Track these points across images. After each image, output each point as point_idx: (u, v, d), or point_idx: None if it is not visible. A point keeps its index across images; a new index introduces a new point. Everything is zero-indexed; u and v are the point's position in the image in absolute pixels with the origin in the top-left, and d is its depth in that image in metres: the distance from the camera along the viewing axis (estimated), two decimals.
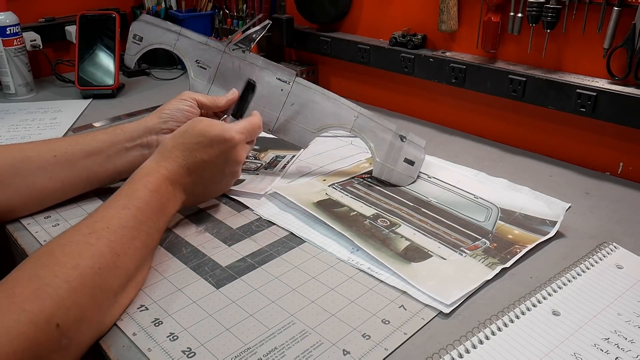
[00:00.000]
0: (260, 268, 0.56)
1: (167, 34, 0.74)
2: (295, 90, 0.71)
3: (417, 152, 0.72)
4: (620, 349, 0.45)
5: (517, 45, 0.83)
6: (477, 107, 0.92)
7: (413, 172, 0.73)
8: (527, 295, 0.51)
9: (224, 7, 1.25)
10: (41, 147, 0.63)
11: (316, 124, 0.71)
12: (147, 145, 0.67)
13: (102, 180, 0.67)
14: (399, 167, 0.72)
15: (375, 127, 0.71)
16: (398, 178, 0.72)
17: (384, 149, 0.71)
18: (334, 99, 0.71)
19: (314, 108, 0.71)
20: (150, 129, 0.67)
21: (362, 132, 0.71)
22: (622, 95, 0.70)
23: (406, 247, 0.58)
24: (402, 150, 0.72)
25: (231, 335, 0.46)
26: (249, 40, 0.73)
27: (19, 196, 0.62)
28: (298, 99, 0.71)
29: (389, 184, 0.72)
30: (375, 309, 0.50)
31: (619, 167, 0.78)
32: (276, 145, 0.83)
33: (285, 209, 0.67)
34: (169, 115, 0.67)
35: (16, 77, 1.09)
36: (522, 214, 0.65)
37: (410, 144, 0.72)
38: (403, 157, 0.72)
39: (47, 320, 0.40)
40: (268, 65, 0.72)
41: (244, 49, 0.73)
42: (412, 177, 0.72)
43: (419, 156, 0.73)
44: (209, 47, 0.74)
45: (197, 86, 0.74)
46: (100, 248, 0.47)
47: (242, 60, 0.73)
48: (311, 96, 0.71)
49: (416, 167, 0.73)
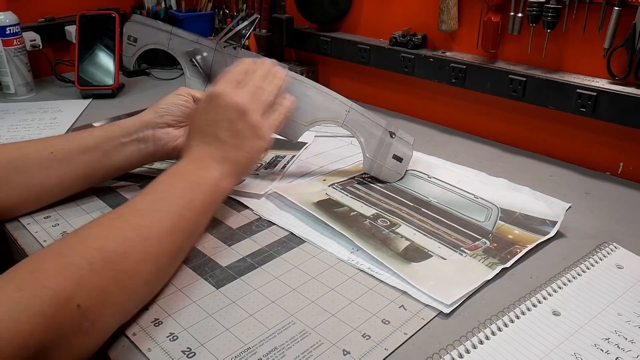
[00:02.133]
0: (260, 268, 0.56)
1: (160, 34, 0.75)
2: (287, 83, 0.70)
3: (405, 148, 0.73)
4: (620, 349, 0.45)
5: (517, 45, 0.83)
6: (477, 107, 0.92)
7: (401, 169, 0.73)
8: (527, 295, 0.51)
9: (224, 7, 1.25)
10: (38, 145, 0.63)
11: (308, 117, 0.70)
12: (144, 140, 0.67)
13: (100, 177, 0.67)
14: (388, 163, 0.72)
15: (366, 123, 0.71)
16: (386, 174, 0.73)
17: (373, 144, 0.71)
18: (326, 92, 0.70)
19: (306, 101, 0.70)
20: (147, 124, 0.67)
21: (354, 126, 0.71)
22: (622, 95, 0.70)
23: (406, 247, 0.58)
24: (391, 147, 0.72)
25: (231, 335, 0.46)
26: (239, 37, 0.73)
27: (18, 194, 0.62)
28: (291, 93, 0.69)
29: (387, 182, 0.72)
30: (375, 309, 0.50)
31: (619, 167, 0.78)
32: (276, 145, 0.83)
33: (285, 209, 0.67)
34: (164, 109, 0.68)
35: (16, 77, 1.09)
36: (522, 214, 0.65)
37: (399, 140, 0.72)
38: (392, 154, 0.72)
39: (68, 299, 0.40)
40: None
41: (235, 46, 0.73)
42: (399, 173, 0.73)
43: (407, 153, 0.73)
44: (200, 45, 0.74)
45: (193, 84, 0.75)
46: (127, 232, 0.47)
47: (234, 58, 0.73)
48: (303, 89, 0.70)
49: (404, 163, 0.73)
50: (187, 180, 0.55)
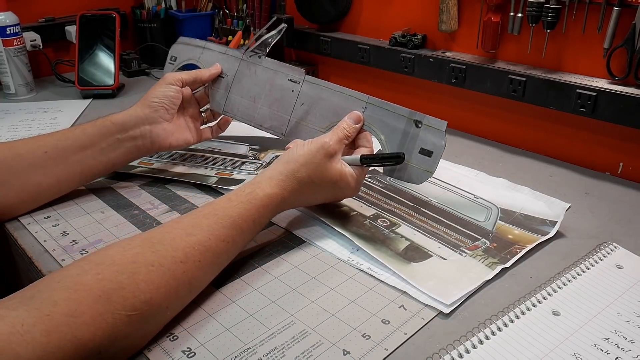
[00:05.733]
0: (260, 268, 0.56)
1: (194, 50, 0.79)
2: (305, 89, 0.70)
3: (435, 138, 0.61)
4: (620, 349, 0.45)
5: (517, 45, 0.83)
6: (477, 107, 0.92)
7: (431, 165, 0.61)
8: (527, 295, 0.51)
9: (224, 7, 1.25)
10: (31, 144, 0.63)
11: (324, 122, 0.68)
12: (141, 137, 0.67)
13: (97, 173, 0.67)
14: (413, 160, 0.62)
15: (386, 116, 0.64)
16: (413, 175, 0.62)
17: (395, 140, 0.63)
18: (340, 91, 0.67)
19: (322, 106, 0.68)
20: (143, 120, 0.67)
21: (372, 123, 0.64)
22: (622, 95, 0.70)
23: (406, 247, 0.58)
24: (417, 139, 0.62)
25: (231, 335, 0.46)
26: (265, 45, 0.74)
27: (15, 193, 0.62)
28: (307, 99, 0.69)
29: (391, 182, 0.72)
30: (375, 309, 0.50)
31: (619, 167, 0.78)
32: (276, 145, 0.83)
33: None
34: (158, 103, 0.68)
35: (16, 77, 1.09)
36: (522, 214, 0.65)
37: (427, 129, 0.61)
38: (419, 148, 0.61)
39: (93, 348, 0.39)
40: (280, 67, 0.72)
41: (260, 55, 0.73)
42: (429, 171, 0.61)
43: (438, 143, 0.61)
44: (227, 56, 0.76)
45: (216, 95, 0.76)
46: (180, 287, 0.46)
47: (257, 66, 0.73)
48: (319, 93, 0.69)
49: (434, 158, 0.61)
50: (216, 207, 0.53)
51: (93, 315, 0.40)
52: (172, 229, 0.49)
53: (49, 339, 0.37)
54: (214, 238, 0.49)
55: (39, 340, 0.37)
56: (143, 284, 0.43)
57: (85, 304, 0.40)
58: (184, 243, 0.47)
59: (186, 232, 0.48)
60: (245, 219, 0.52)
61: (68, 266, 0.44)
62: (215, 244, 0.49)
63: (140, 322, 0.43)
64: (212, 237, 0.49)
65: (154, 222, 0.63)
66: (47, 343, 0.37)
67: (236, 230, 0.51)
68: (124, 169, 0.73)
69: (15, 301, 0.39)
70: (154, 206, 0.67)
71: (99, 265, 0.43)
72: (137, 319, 0.42)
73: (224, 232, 0.50)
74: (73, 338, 0.38)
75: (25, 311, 0.38)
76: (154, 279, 0.44)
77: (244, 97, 0.74)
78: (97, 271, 0.42)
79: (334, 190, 0.60)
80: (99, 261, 0.44)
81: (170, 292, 0.45)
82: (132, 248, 0.46)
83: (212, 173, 0.74)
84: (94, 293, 0.41)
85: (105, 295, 0.41)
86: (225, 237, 0.50)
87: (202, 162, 0.78)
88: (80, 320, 0.39)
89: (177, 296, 0.46)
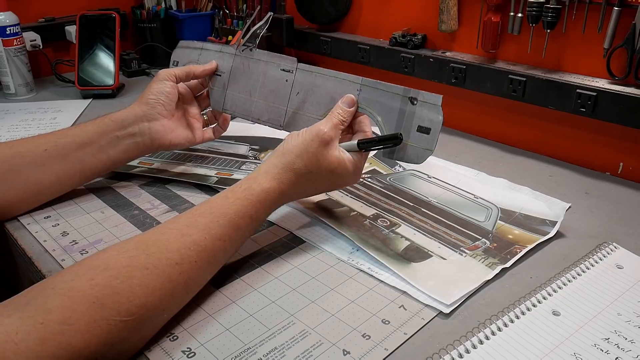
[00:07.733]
0: (260, 268, 0.56)
1: (193, 52, 0.79)
2: (298, 77, 0.69)
3: (432, 114, 0.59)
4: (620, 349, 0.45)
5: (517, 45, 0.83)
6: (477, 107, 0.92)
7: (430, 143, 0.59)
8: (527, 295, 0.51)
9: (224, 7, 1.25)
10: (31, 143, 0.63)
11: (321, 109, 0.67)
12: (140, 134, 0.67)
13: (97, 171, 0.67)
14: (412, 139, 0.60)
15: (381, 96, 0.62)
16: (412, 154, 0.60)
17: (392, 120, 0.61)
18: (334, 76, 0.66)
19: (318, 92, 0.67)
20: (142, 117, 0.67)
21: (368, 106, 0.63)
22: (622, 95, 0.70)
23: (406, 247, 0.58)
24: (414, 117, 0.60)
25: (231, 335, 0.46)
26: (254, 37, 0.74)
27: (15, 192, 0.62)
28: (302, 87, 0.69)
29: (391, 182, 0.72)
30: (375, 309, 0.50)
31: (619, 167, 0.78)
32: (276, 145, 0.83)
33: (285, 209, 0.66)
34: (154, 99, 0.69)
35: (16, 77, 1.09)
36: (522, 214, 0.65)
37: (423, 105, 0.59)
38: (416, 126, 0.60)
39: (88, 355, 0.39)
40: (272, 58, 0.72)
41: (251, 47, 0.73)
42: (429, 149, 0.59)
43: (435, 119, 0.59)
44: (223, 54, 0.76)
45: (215, 94, 0.76)
46: (176, 289, 0.46)
47: (250, 59, 0.73)
48: (312, 80, 0.68)
49: (433, 134, 0.59)
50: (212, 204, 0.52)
51: (87, 322, 0.39)
52: (167, 230, 0.49)
53: (42, 347, 0.37)
54: (210, 237, 0.49)
55: (34, 349, 0.37)
56: (138, 288, 0.43)
57: (79, 311, 0.39)
58: (179, 244, 0.47)
59: (181, 233, 0.48)
60: (242, 216, 0.52)
61: (63, 271, 0.44)
62: (212, 243, 0.49)
63: (137, 326, 0.42)
64: (208, 236, 0.49)
65: (154, 222, 0.63)
66: (41, 351, 0.37)
67: (233, 228, 0.51)
68: (123, 168, 0.73)
69: (9, 308, 0.39)
70: (153, 206, 0.67)
71: (93, 270, 0.43)
72: (133, 323, 0.42)
73: (220, 231, 0.50)
74: (67, 346, 0.38)
75: (19, 319, 0.38)
76: (149, 283, 0.44)
77: (240, 92, 0.74)
78: (90, 276, 0.42)
79: (333, 179, 0.58)
80: (92, 266, 0.43)
81: (166, 294, 0.45)
82: (126, 251, 0.45)
83: (212, 173, 0.74)
84: (87, 299, 0.40)
85: (99, 301, 0.40)
86: (222, 235, 0.50)
87: (202, 162, 0.78)
88: (75, 328, 0.39)
89: (173, 298, 0.46)
